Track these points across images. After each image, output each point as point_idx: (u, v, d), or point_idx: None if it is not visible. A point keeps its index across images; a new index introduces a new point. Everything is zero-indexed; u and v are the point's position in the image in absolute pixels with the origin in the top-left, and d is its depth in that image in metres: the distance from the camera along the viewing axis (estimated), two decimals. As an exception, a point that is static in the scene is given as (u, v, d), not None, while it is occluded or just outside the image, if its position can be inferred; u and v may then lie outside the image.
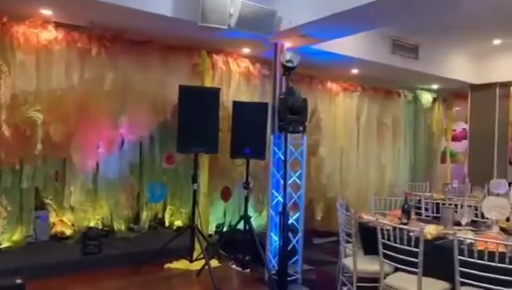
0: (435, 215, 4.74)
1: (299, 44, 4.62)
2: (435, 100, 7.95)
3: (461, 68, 6.68)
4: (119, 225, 5.63)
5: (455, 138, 8.64)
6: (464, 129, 7.97)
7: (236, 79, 5.41)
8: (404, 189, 6.24)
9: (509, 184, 5.67)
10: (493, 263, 2.74)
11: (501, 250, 2.81)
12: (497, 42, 5.87)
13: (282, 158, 4.44)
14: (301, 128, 4.46)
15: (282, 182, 4.46)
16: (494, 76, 6.59)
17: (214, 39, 4.74)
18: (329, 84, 6.68)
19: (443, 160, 8.56)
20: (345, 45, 5.17)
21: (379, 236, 3.29)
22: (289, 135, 4.52)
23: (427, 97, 7.63)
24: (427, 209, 4.93)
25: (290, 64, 4.35)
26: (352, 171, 6.92)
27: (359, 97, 7.01)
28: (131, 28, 4.47)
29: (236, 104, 4.94)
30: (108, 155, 5.15)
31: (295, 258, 4.65)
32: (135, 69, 4.81)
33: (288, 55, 4.35)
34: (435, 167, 8.25)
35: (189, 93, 4.57)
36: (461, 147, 8.33)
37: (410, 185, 6.70)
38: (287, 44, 4.67)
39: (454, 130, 8.69)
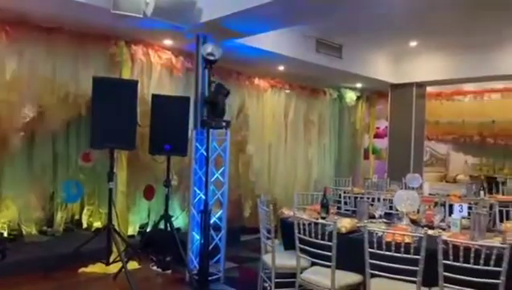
0: (354, 209, 4.87)
1: (221, 37, 4.51)
2: (358, 98, 8.26)
3: (382, 67, 7.00)
4: (29, 229, 5.18)
5: (378, 136, 9.05)
6: (387, 127, 8.38)
7: (157, 71, 5.17)
8: (328, 185, 6.40)
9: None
10: (399, 254, 2.82)
11: (407, 241, 2.91)
12: (413, 43, 6.20)
13: (205, 154, 4.31)
14: (224, 123, 4.36)
15: (204, 179, 4.33)
16: (411, 77, 6.98)
17: (132, 29, 4.48)
18: (257, 81, 6.66)
19: (367, 156, 8.94)
20: (271, 41, 5.17)
21: (296, 231, 3.28)
22: (212, 131, 4.41)
23: (350, 96, 7.91)
24: (346, 203, 5.06)
25: (211, 58, 4.24)
26: (280, 167, 6.97)
27: (287, 95, 7.08)
28: (38, 13, 4.08)
29: (155, 97, 4.71)
30: (13, 150, 4.69)
31: (217, 257, 4.55)
32: (43, 58, 4.41)
33: (209, 48, 4.22)
34: (359, 162, 8.59)
35: (104, 85, 4.27)
36: (384, 143, 8.76)
37: (335, 180, 6.89)
38: (210, 37, 4.54)
39: (378, 128, 9.10)
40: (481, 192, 5.46)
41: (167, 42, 5.06)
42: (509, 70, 5.87)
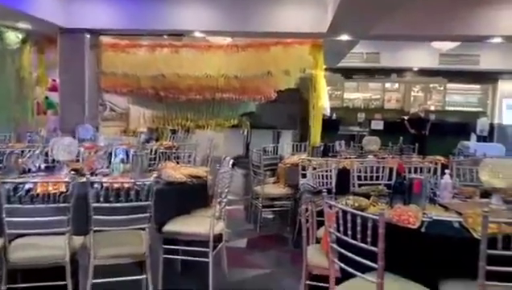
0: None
1: None
2: (25, 42, 7.04)
3: (50, 6, 6.09)
4: None
5: (55, 89, 8.11)
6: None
7: None
8: None
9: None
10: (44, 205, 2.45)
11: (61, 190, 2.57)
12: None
13: None
14: None
15: None
16: (83, 22, 6.42)
17: None
18: None
19: (41, 111, 7.91)
20: None
21: None
22: None
23: (12, 36, 6.62)
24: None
25: None
26: None
27: None
28: None
29: None
30: None
31: None
32: None
33: None
34: (27, 117, 7.45)
35: None
36: (62, 97, 7.94)
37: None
38: None
39: (54, 80, 8.14)
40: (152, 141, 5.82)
41: None
42: (176, 26, 6.23)
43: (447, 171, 3.14)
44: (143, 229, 2.74)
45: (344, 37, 5.73)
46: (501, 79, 10.48)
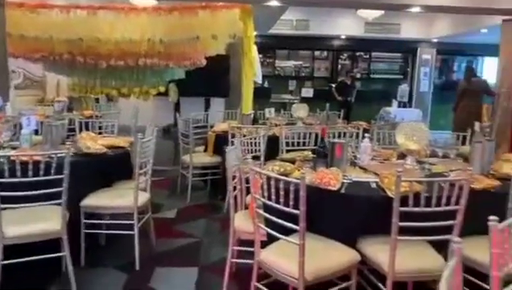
0: None
1: None
2: None
3: None
4: None
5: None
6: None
7: None
8: None
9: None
10: None
11: None
12: None
13: None
14: None
15: None
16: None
17: None
18: None
19: None
20: None
21: None
22: None
23: None
24: None
25: None
26: None
27: None
28: None
29: None
30: None
31: None
32: None
33: None
34: None
35: None
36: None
37: None
38: None
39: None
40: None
41: None
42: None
43: (366, 135, 3.26)
44: (60, 204, 2.54)
45: (273, 2, 5.65)
46: (420, 47, 11.12)
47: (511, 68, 5.92)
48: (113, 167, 3.30)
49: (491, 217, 1.38)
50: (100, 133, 4.39)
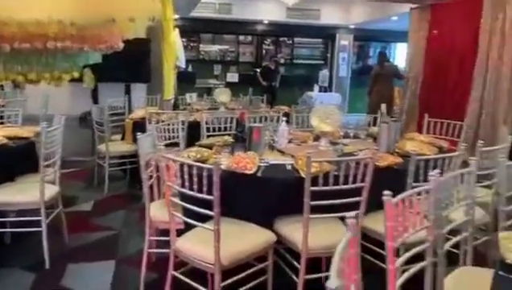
0: None
1: None
2: None
3: None
4: None
5: None
6: None
7: None
8: None
9: None
10: None
11: None
12: None
13: None
14: None
15: None
16: None
17: None
18: None
19: None
20: None
21: None
22: None
23: None
24: None
25: None
26: None
27: None
28: None
29: None
30: None
31: None
32: None
33: None
34: None
35: None
36: None
37: None
38: None
39: None
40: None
41: None
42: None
43: (283, 118, 3.32)
44: None
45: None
46: (338, 33, 11.58)
47: (419, 53, 6.38)
48: (16, 160, 3.03)
49: (385, 192, 1.47)
50: (1, 123, 4.00)
